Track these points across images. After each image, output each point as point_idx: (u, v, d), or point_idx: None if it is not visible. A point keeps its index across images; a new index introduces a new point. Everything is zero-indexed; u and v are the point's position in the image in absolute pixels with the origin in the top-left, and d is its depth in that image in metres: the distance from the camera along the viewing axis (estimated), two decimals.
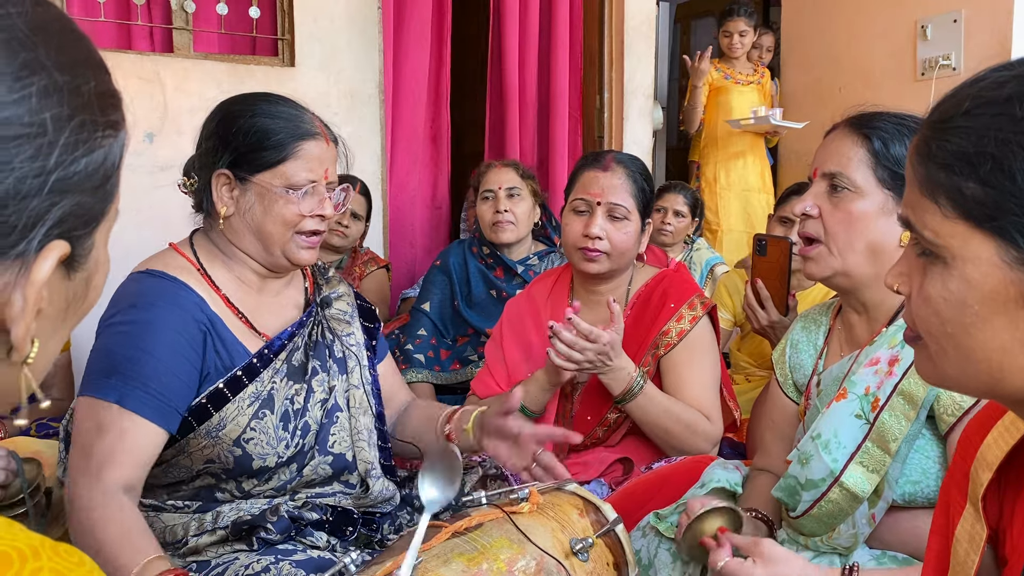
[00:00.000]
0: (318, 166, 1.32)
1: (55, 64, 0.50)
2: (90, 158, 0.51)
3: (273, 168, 1.29)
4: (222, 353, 1.29)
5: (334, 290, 1.49)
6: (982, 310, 0.61)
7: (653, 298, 1.76)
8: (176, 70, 2.62)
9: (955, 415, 1.16)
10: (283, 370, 1.33)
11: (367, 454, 1.39)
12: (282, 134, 1.30)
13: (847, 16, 3.57)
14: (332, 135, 1.38)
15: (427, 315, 2.46)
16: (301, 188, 1.30)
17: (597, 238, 1.69)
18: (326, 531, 1.31)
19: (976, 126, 0.61)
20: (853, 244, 1.25)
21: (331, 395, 1.38)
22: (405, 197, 3.19)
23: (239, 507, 1.29)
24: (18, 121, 0.47)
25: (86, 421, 1.20)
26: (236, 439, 1.27)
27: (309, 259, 1.35)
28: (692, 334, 1.71)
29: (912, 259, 0.68)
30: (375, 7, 2.96)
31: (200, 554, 1.25)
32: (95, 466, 1.17)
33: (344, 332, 1.45)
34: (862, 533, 1.22)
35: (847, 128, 1.28)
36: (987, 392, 0.65)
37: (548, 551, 1.08)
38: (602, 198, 1.71)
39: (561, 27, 3.27)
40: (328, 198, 1.34)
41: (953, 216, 0.62)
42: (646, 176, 1.78)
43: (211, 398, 1.26)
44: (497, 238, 2.42)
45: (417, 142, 3.16)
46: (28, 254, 0.49)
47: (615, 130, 3.44)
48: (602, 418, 1.75)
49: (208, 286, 1.32)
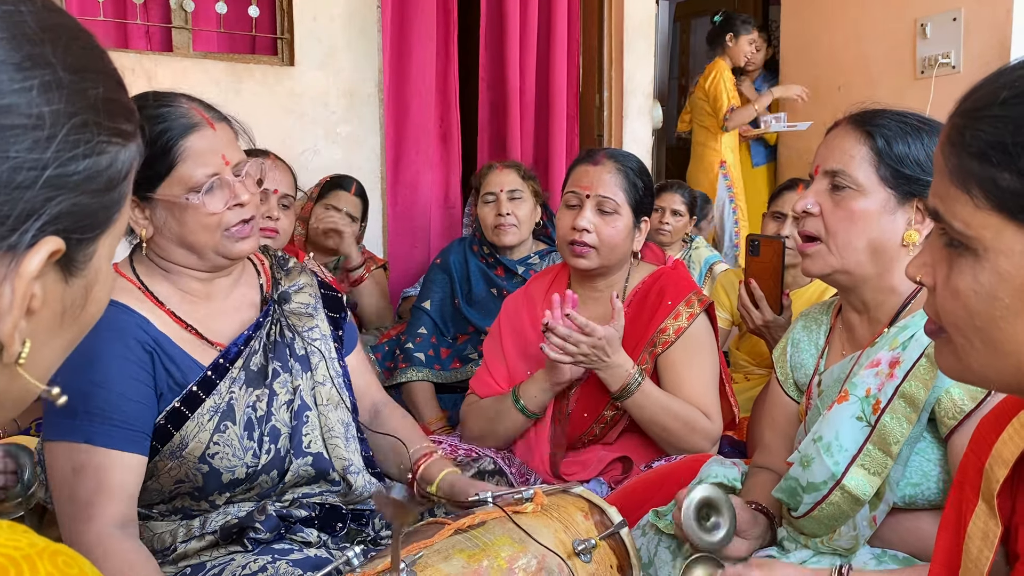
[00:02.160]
0: (212, 157, 1.22)
1: (62, 63, 0.50)
2: (92, 160, 0.51)
3: (168, 177, 1.21)
4: (172, 371, 1.24)
5: (294, 283, 1.42)
6: (1013, 303, 0.60)
7: (650, 296, 1.75)
8: (175, 69, 2.62)
9: (956, 418, 1.15)
10: (241, 378, 1.28)
11: (342, 451, 1.35)
12: (163, 138, 1.20)
13: (847, 15, 3.57)
14: (217, 115, 1.27)
15: (427, 313, 2.45)
16: (203, 186, 1.21)
17: (584, 231, 1.68)
18: (316, 528, 1.29)
19: (1013, 115, 0.60)
20: (854, 242, 1.24)
21: (296, 395, 1.33)
22: (417, 197, 3.17)
23: (226, 511, 1.27)
24: (16, 111, 0.47)
25: (61, 466, 1.16)
26: (201, 455, 1.23)
27: (249, 248, 1.28)
28: (690, 331, 1.70)
29: (937, 250, 0.66)
30: (375, 6, 2.95)
31: (192, 558, 1.23)
32: (82, 509, 1.14)
33: (306, 327, 1.38)
34: (863, 535, 1.21)
35: (849, 125, 1.27)
36: (1011, 386, 0.64)
37: (550, 549, 1.07)
38: (591, 191, 1.71)
39: (560, 26, 3.27)
40: (239, 182, 1.25)
41: (986, 207, 0.61)
42: (640, 173, 1.76)
43: (169, 418, 1.22)
44: (500, 241, 2.41)
45: (427, 141, 3.14)
46: (19, 247, 0.48)
47: (614, 129, 3.44)
48: (599, 415, 1.73)
49: (152, 303, 1.27)
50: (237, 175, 1.26)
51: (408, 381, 2.33)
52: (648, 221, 1.80)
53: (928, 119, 1.26)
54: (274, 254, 1.47)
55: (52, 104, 0.49)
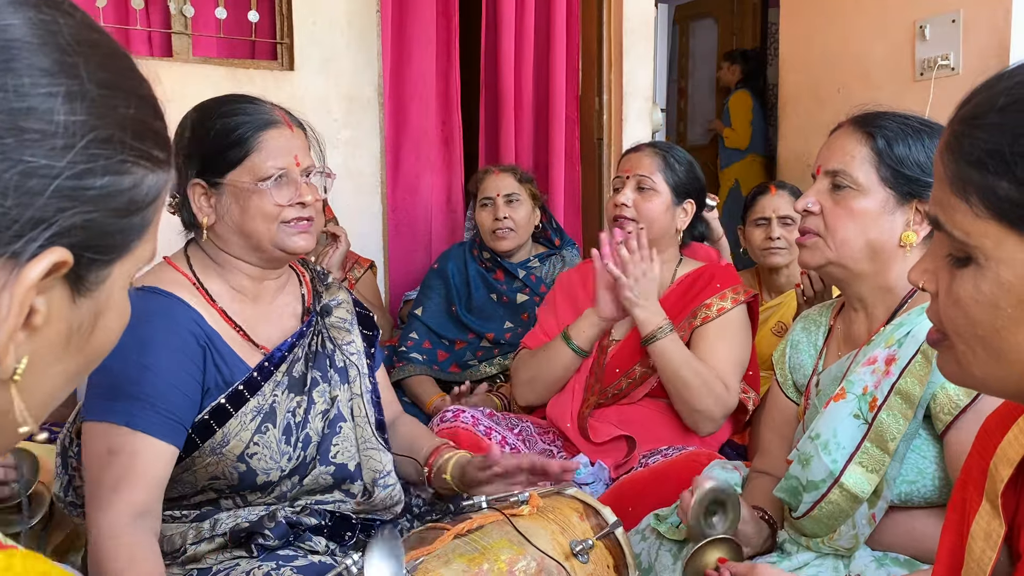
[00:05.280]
0: (285, 154, 1.29)
1: (92, 77, 0.50)
2: (112, 178, 0.50)
3: (239, 165, 1.27)
4: (222, 368, 1.27)
5: (334, 297, 1.46)
6: (1016, 312, 0.59)
7: (700, 280, 1.90)
8: (175, 75, 2.62)
9: (951, 414, 1.16)
10: (284, 382, 1.31)
11: (376, 462, 1.36)
12: (241, 129, 1.27)
13: (846, 16, 3.57)
14: (296, 120, 1.35)
15: (420, 320, 2.45)
16: (271, 178, 1.27)
17: (624, 205, 1.87)
18: (325, 536, 1.29)
19: (1011, 123, 0.59)
20: (852, 240, 1.26)
21: (333, 405, 1.35)
22: (417, 201, 3.16)
23: (236, 514, 1.28)
24: (37, 115, 0.47)
25: (96, 447, 1.18)
26: (240, 455, 1.25)
27: (305, 245, 1.32)
28: (730, 314, 1.83)
29: (939, 257, 0.65)
30: (374, 10, 2.96)
31: (200, 561, 1.24)
32: (107, 491, 1.14)
33: (344, 341, 1.42)
34: (863, 533, 1.21)
35: (851, 126, 1.28)
36: (1014, 393, 0.64)
37: (548, 553, 1.07)
38: (631, 172, 1.90)
39: (559, 28, 3.26)
40: (305, 183, 1.31)
41: (986, 216, 0.60)
42: (683, 162, 1.92)
43: (213, 414, 1.24)
44: (497, 246, 2.42)
45: (428, 145, 3.14)
46: (24, 255, 0.47)
47: (614, 132, 3.44)
48: (628, 370, 1.87)
49: (204, 299, 1.30)
50: (305, 177, 1.32)
51: (407, 377, 2.33)
52: (693, 203, 1.93)
53: (929, 121, 1.28)
54: (314, 268, 1.50)
55: (75, 115, 0.48)
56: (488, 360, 2.39)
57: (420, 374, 2.35)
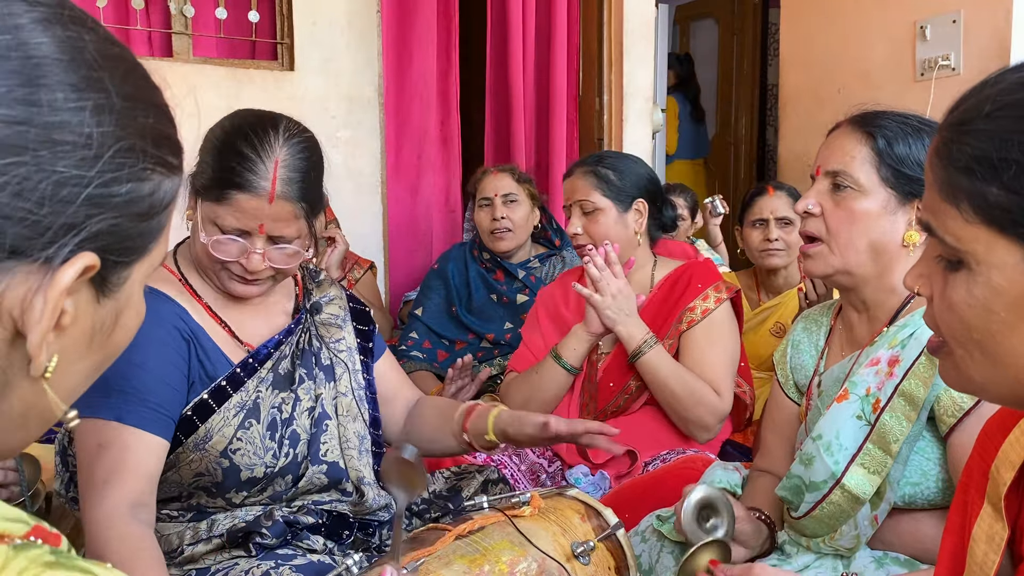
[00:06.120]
0: (251, 220, 1.23)
1: (116, 91, 0.52)
2: (135, 185, 0.53)
3: (209, 203, 1.24)
4: (205, 363, 1.27)
5: (325, 294, 1.46)
6: (1009, 316, 0.59)
7: (680, 281, 1.88)
8: (176, 75, 2.61)
9: (955, 416, 1.15)
10: (268, 379, 1.31)
11: (356, 463, 1.37)
12: (225, 174, 1.22)
13: (846, 17, 3.57)
14: (292, 193, 1.24)
15: (420, 320, 2.46)
16: (227, 233, 1.24)
17: (575, 234, 1.89)
18: (322, 535, 1.30)
19: (998, 129, 0.59)
20: (855, 242, 1.25)
21: (318, 403, 1.35)
22: (417, 201, 3.16)
23: (234, 515, 1.28)
24: (68, 128, 0.49)
25: (87, 443, 1.19)
26: (223, 450, 1.25)
27: (243, 293, 1.30)
28: (715, 314, 1.81)
29: (932, 262, 0.66)
30: (374, 11, 2.96)
31: (198, 561, 1.24)
32: (99, 484, 1.15)
33: (334, 338, 1.42)
34: (864, 534, 1.21)
35: (850, 126, 1.27)
36: (1013, 398, 0.64)
37: (549, 554, 1.07)
38: (571, 199, 1.91)
39: (559, 29, 3.26)
40: (257, 253, 1.24)
41: (975, 221, 0.60)
42: (615, 168, 1.89)
43: (196, 409, 1.25)
44: (495, 247, 2.42)
45: (427, 145, 3.14)
46: (56, 260, 0.49)
47: (614, 132, 3.44)
48: (624, 385, 1.85)
49: (190, 296, 1.30)
50: (273, 244, 1.25)
51: (407, 373, 2.33)
52: (643, 201, 1.89)
53: (929, 120, 1.27)
54: (305, 266, 1.49)
55: (103, 126, 0.51)
56: (488, 360, 2.39)
57: (420, 370, 2.35)
